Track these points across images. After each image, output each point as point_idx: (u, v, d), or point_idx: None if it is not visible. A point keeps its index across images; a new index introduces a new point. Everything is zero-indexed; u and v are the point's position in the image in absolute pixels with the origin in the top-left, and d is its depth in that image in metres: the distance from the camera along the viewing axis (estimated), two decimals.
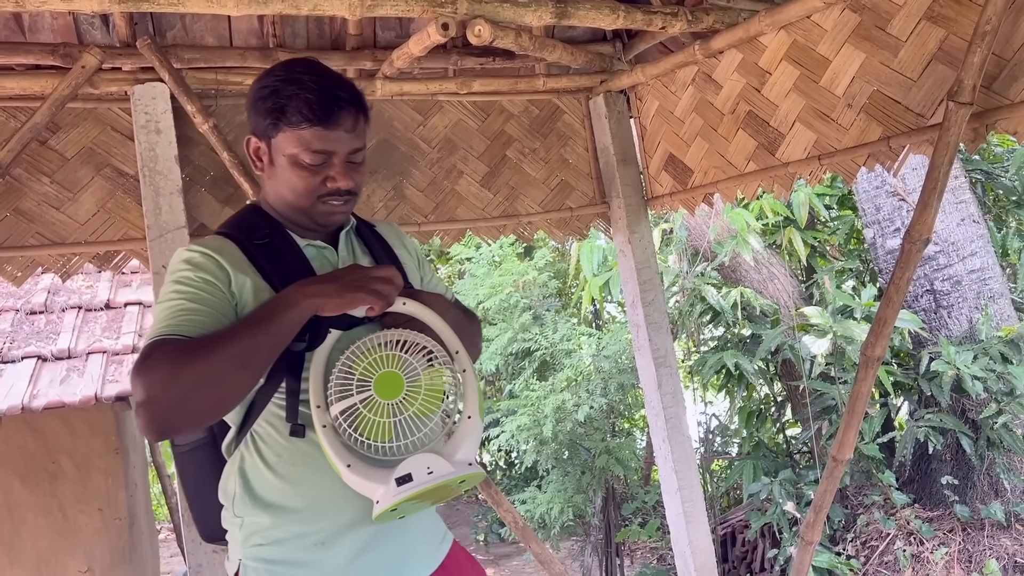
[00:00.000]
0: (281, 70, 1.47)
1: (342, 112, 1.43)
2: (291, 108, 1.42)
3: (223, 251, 1.45)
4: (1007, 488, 4.37)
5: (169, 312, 1.34)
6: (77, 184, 2.66)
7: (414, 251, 1.71)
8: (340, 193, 1.47)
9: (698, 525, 3.65)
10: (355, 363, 1.33)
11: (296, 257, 1.50)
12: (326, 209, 1.48)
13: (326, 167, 1.45)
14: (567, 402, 5.38)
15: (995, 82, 2.07)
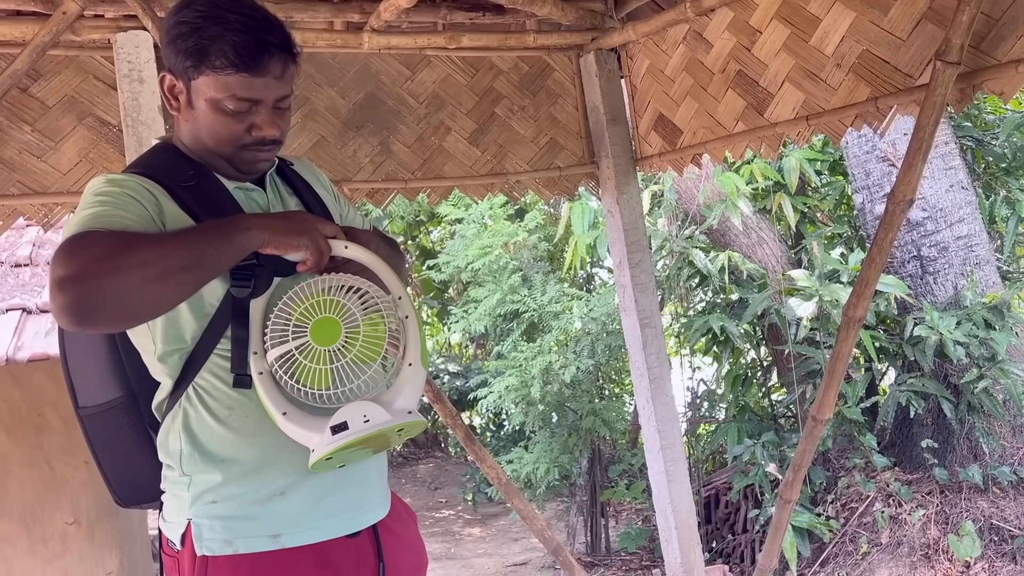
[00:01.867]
0: (203, 4, 1.34)
1: (271, 58, 1.34)
2: (215, 51, 1.31)
3: (155, 194, 1.35)
4: (985, 452, 4.43)
5: (94, 214, 1.24)
6: (59, 133, 2.63)
7: (330, 187, 1.67)
8: (266, 143, 1.40)
9: (680, 484, 3.69)
10: (292, 308, 1.29)
11: (227, 201, 1.42)
12: (249, 157, 1.42)
13: (251, 114, 1.37)
14: (555, 364, 5.41)
15: (983, 42, 2.06)
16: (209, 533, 1.34)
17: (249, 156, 1.42)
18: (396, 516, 1.52)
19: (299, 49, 1.42)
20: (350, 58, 3.00)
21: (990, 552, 4.06)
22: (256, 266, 1.32)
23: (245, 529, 1.34)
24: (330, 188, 1.67)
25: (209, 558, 1.33)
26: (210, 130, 1.38)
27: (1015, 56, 2.00)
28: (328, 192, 1.64)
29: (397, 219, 8.33)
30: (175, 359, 1.36)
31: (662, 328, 3.56)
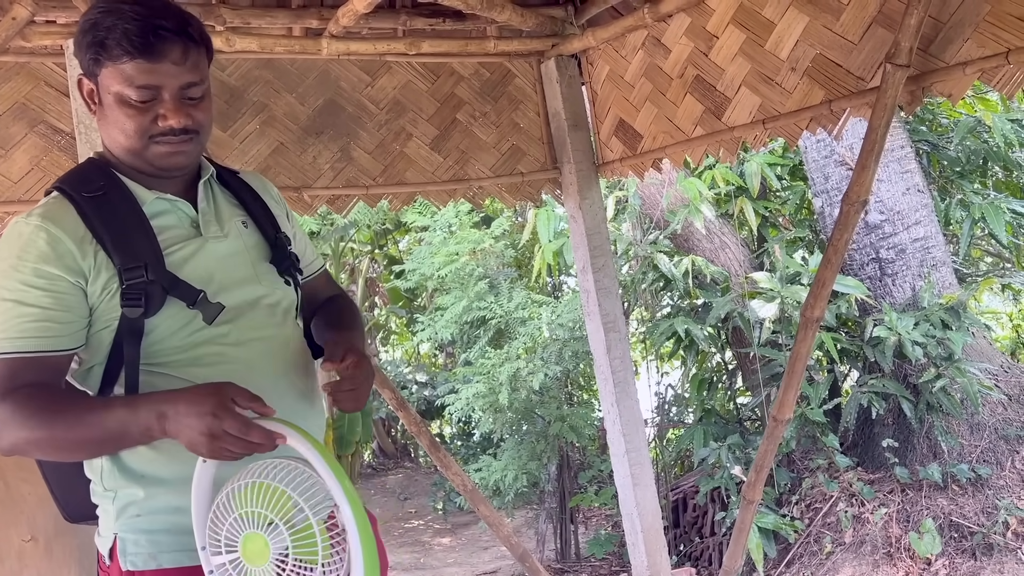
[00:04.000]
0: (100, 3, 1.35)
1: (165, 43, 1.32)
2: (111, 41, 1.31)
3: (62, 220, 1.34)
4: (944, 450, 4.50)
5: (14, 318, 1.29)
6: (10, 141, 2.58)
7: (282, 203, 1.64)
8: (174, 132, 1.35)
9: (645, 488, 3.70)
10: (224, 516, 1.21)
11: (131, 213, 1.38)
12: (160, 150, 1.37)
13: (155, 104, 1.34)
14: (522, 370, 5.40)
15: (932, 45, 2.10)
16: (134, 547, 1.34)
17: (160, 148, 1.37)
18: None
19: (199, 35, 1.38)
20: (309, 64, 2.98)
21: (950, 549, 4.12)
22: (146, 283, 1.32)
23: (170, 543, 1.33)
24: (283, 204, 1.64)
25: (135, 573, 1.33)
26: (119, 124, 1.36)
27: (962, 59, 2.04)
28: (280, 206, 1.61)
29: (364, 228, 8.29)
30: (94, 374, 1.37)
31: (626, 332, 3.57)
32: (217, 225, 1.47)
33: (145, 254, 1.35)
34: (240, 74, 2.89)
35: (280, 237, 1.53)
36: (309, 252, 1.67)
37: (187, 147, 1.39)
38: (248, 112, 2.90)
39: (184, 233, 1.43)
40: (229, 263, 1.45)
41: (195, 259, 1.41)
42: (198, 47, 1.37)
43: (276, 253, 1.51)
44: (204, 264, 1.42)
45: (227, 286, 1.43)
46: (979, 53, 2.00)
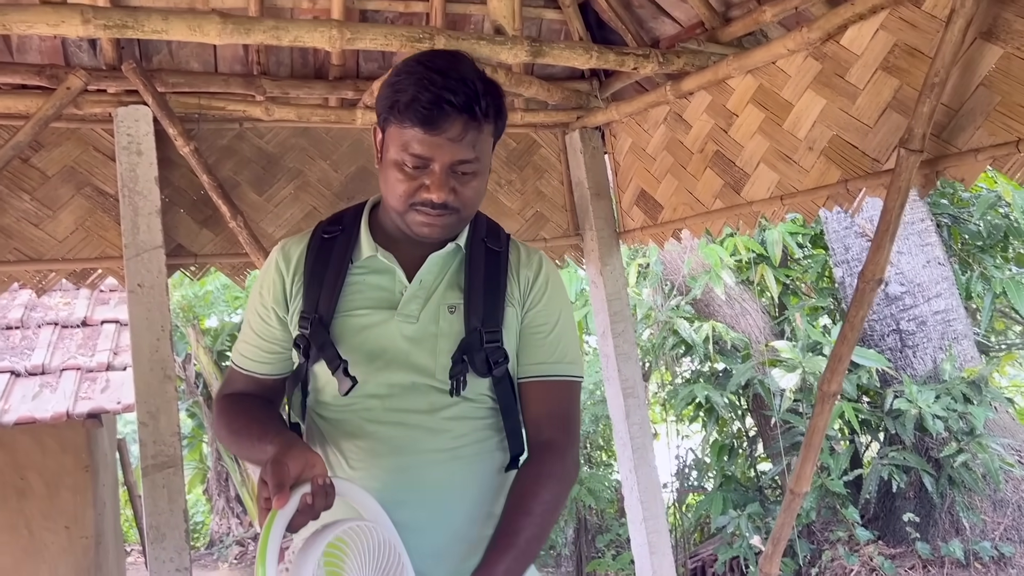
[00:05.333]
0: (411, 62, 1.37)
1: (447, 118, 1.31)
2: (400, 104, 1.32)
3: (292, 250, 1.52)
4: (966, 526, 4.43)
5: (241, 335, 1.57)
6: (57, 202, 2.71)
7: (546, 288, 1.51)
8: (433, 205, 1.35)
9: (662, 556, 3.68)
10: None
11: (338, 263, 1.45)
12: (418, 219, 1.38)
13: (424, 173, 1.35)
14: None
15: (944, 131, 2.16)
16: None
17: (418, 218, 1.38)
18: None
19: (487, 112, 1.35)
20: (343, 133, 3.11)
21: None
22: (308, 336, 1.44)
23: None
24: (542, 292, 1.51)
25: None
26: (389, 184, 1.38)
27: (974, 145, 2.10)
28: (534, 293, 1.50)
29: None
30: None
31: (645, 398, 3.60)
32: (417, 305, 1.44)
33: (321, 307, 1.44)
34: (278, 141, 3.02)
35: (479, 332, 1.42)
36: (542, 352, 1.49)
37: (443, 221, 1.38)
38: (284, 177, 3.01)
39: (384, 299, 1.46)
40: (408, 345, 1.43)
41: (376, 330, 1.43)
42: (480, 125, 1.35)
43: (466, 343, 1.42)
44: (382, 339, 1.43)
45: (392, 366, 1.42)
46: (990, 141, 2.06)
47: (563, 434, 1.45)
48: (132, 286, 2.65)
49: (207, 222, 2.88)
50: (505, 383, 1.45)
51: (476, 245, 1.50)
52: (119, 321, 4.22)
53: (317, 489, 1.20)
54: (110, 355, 3.96)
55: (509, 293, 1.47)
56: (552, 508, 1.38)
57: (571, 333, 1.52)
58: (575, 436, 1.47)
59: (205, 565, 8.64)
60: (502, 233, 1.56)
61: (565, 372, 1.49)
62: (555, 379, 1.48)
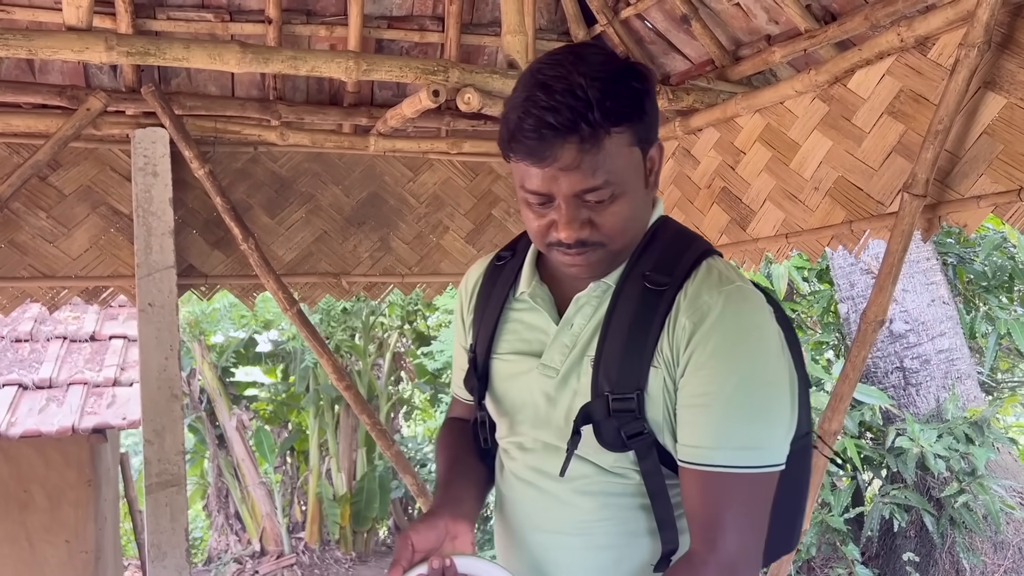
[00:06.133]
0: (528, 72, 1.12)
1: (552, 145, 1.05)
2: (506, 134, 1.10)
3: (472, 274, 1.41)
4: (966, 568, 4.41)
5: (453, 364, 1.47)
6: (72, 220, 2.75)
7: (716, 356, 1.10)
8: (568, 245, 1.12)
9: None
10: None
11: (496, 300, 1.31)
12: (558, 258, 1.16)
13: (551, 209, 1.12)
14: None
15: (948, 177, 2.19)
16: None
17: (558, 258, 1.16)
18: None
19: (611, 121, 1.06)
20: (356, 159, 3.16)
21: None
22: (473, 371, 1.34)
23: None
24: (699, 351, 1.10)
25: None
26: (525, 222, 1.17)
27: (977, 192, 2.13)
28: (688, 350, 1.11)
29: (396, 307, 8.44)
30: None
31: None
32: (561, 355, 1.21)
33: (478, 346, 1.32)
34: (291, 166, 3.07)
35: (606, 399, 1.13)
36: (691, 431, 1.11)
37: (586, 259, 1.14)
38: (296, 201, 3.06)
39: (534, 343, 1.25)
40: (545, 402, 1.22)
41: (519, 381, 1.26)
42: (599, 141, 1.06)
43: (586, 411, 1.15)
44: (524, 391, 1.25)
45: (528, 423, 1.25)
46: (993, 188, 2.08)
47: (703, 543, 1.07)
48: (143, 305, 2.69)
49: (219, 243, 2.92)
50: (652, 460, 1.13)
51: (631, 282, 1.17)
52: (127, 337, 4.26)
53: (433, 572, 1.08)
54: (117, 371, 3.99)
55: (658, 350, 1.12)
56: None
57: (747, 407, 1.08)
58: (723, 549, 1.06)
59: None
60: (684, 260, 1.16)
61: (723, 461, 1.07)
62: (705, 469, 1.08)
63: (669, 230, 1.23)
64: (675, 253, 1.18)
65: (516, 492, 1.28)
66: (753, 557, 1.08)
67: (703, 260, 1.18)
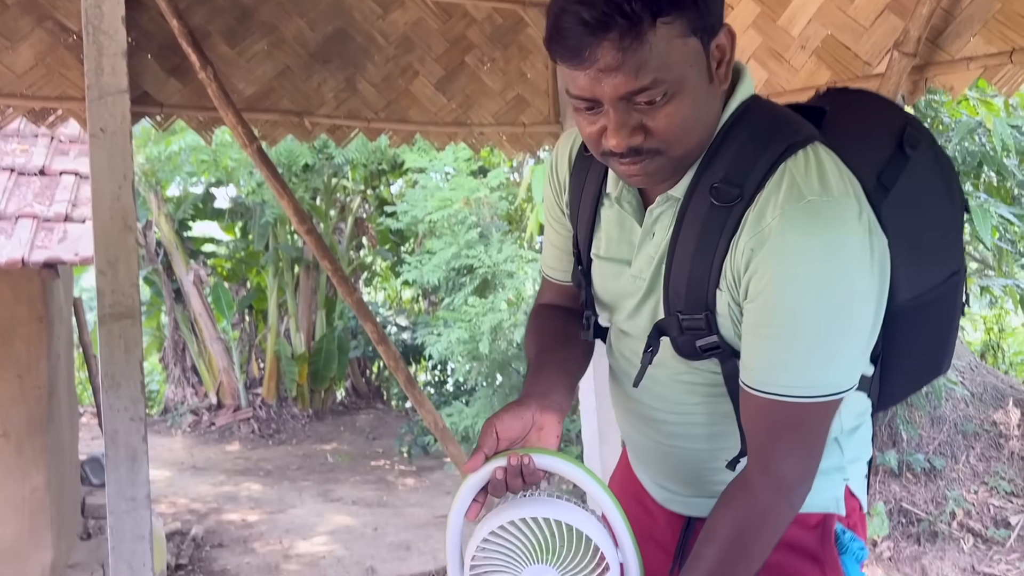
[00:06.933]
0: None
1: (590, 44, 0.94)
2: (547, 28, 1.01)
3: (561, 159, 1.28)
4: (904, 439, 4.62)
5: (544, 242, 1.38)
6: (16, 34, 2.57)
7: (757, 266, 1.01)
8: (620, 154, 1.02)
9: (611, 446, 3.78)
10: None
11: (589, 195, 1.22)
12: (616, 167, 1.08)
13: (599, 115, 1.01)
14: (505, 322, 5.46)
15: (940, 36, 2.13)
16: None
17: (615, 167, 1.08)
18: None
19: (656, 10, 0.94)
20: None
21: (897, 533, 4.26)
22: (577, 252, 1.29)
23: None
24: (761, 278, 1.01)
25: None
26: (579, 129, 1.08)
27: (967, 53, 2.07)
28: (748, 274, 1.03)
29: (359, 166, 8.25)
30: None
31: None
32: (647, 262, 1.15)
33: (579, 241, 1.26)
34: None
35: (677, 318, 1.10)
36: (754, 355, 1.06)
37: (644, 168, 1.04)
38: (258, 32, 2.88)
39: (623, 249, 1.19)
40: (635, 306, 1.19)
41: (613, 283, 1.22)
42: (642, 35, 0.94)
43: (661, 326, 1.13)
44: (618, 293, 1.22)
45: (627, 318, 1.22)
46: (984, 50, 2.03)
47: (758, 467, 1.06)
48: (94, 130, 2.55)
49: (175, 71, 2.76)
50: (732, 364, 1.10)
51: (697, 197, 1.06)
52: (79, 173, 4.09)
53: (511, 468, 1.04)
54: (68, 206, 3.85)
55: (723, 274, 1.05)
56: (722, 548, 1.06)
57: (809, 338, 1.01)
58: (778, 474, 1.04)
59: (159, 431, 8.74)
60: (759, 166, 1.03)
61: (782, 391, 1.02)
62: (764, 396, 1.04)
63: (750, 122, 1.07)
64: (750, 156, 1.04)
65: (620, 365, 1.28)
66: (807, 478, 1.07)
67: (781, 163, 1.02)
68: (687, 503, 1.29)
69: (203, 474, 7.20)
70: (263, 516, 5.94)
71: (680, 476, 1.28)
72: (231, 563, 4.90)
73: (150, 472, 3.24)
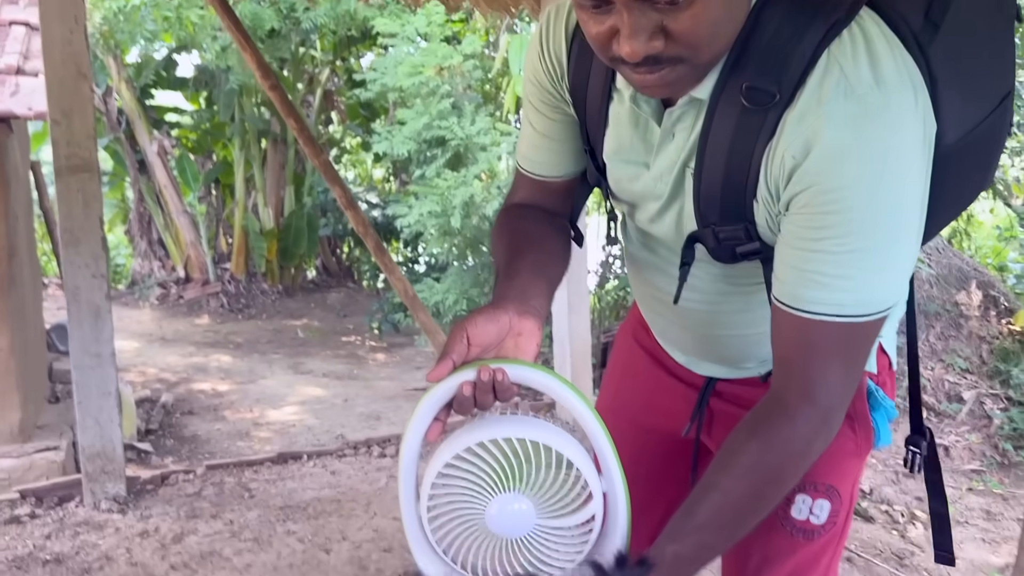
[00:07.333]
0: None
1: None
2: None
3: (552, 38, 1.09)
4: None
5: (521, 128, 1.21)
6: None
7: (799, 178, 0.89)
8: (634, 63, 0.87)
9: (580, 316, 3.81)
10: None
11: (597, 90, 1.06)
12: (631, 76, 0.92)
13: (608, 13, 0.86)
14: (477, 196, 5.38)
15: None
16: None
17: (629, 75, 0.92)
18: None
19: None
20: None
21: None
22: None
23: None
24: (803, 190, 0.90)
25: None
26: (584, 30, 0.91)
27: None
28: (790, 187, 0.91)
29: (328, 33, 7.93)
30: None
31: None
32: (668, 165, 1.03)
33: (591, 138, 1.11)
34: None
35: (712, 230, 1.01)
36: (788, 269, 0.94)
37: (662, 78, 0.89)
38: None
39: (639, 146, 1.06)
40: (658, 209, 1.08)
41: (630, 184, 1.10)
42: None
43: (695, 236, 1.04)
44: (635, 194, 1.11)
45: (649, 221, 1.12)
46: None
47: (799, 393, 0.94)
48: None
49: None
50: (772, 267, 1.00)
51: (727, 98, 0.93)
52: (29, 24, 3.86)
53: (481, 382, 0.91)
54: (20, 58, 3.65)
55: (759, 184, 0.94)
56: (751, 480, 0.94)
57: (855, 255, 0.89)
58: (822, 401, 0.94)
59: (126, 303, 8.67)
60: (796, 57, 0.88)
61: (824, 311, 0.91)
62: (803, 316, 0.92)
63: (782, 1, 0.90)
64: (786, 46, 0.88)
65: (641, 254, 1.20)
66: (848, 400, 0.97)
67: (824, 50, 0.87)
68: (712, 369, 1.26)
69: (172, 346, 7.20)
70: (233, 386, 5.97)
71: (707, 354, 1.23)
72: (202, 429, 4.94)
73: (118, 343, 3.20)
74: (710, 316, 1.16)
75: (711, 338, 1.21)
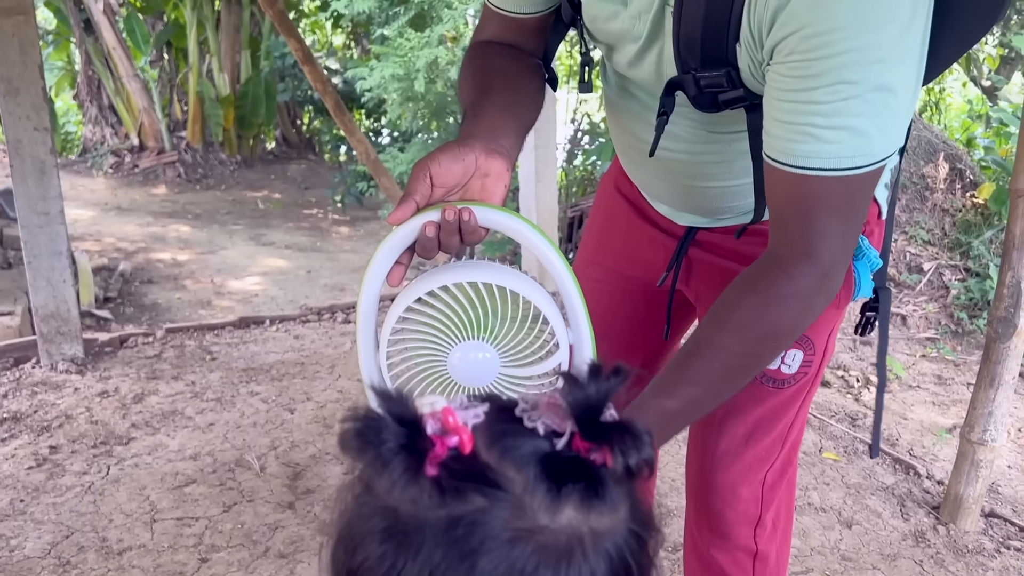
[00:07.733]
0: None
1: None
2: None
3: None
4: None
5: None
6: None
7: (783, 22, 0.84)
8: None
9: (547, 185, 3.75)
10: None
11: None
12: None
13: None
14: (441, 59, 5.16)
15: None
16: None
17: None
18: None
19: None
20: None
21: None
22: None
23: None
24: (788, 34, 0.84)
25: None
26: None
27: None
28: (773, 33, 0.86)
29: None
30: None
31: None
32: (648, 6, 0.97)
33: None
34: None
35: (693, 75, 0.95)
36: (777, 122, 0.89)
37: None
38: None
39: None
40: (636, 51, 1.02)
41: (606, 24, 1.04)
42: None
43: (675, 82, 0.99)
44: (612, 34, 1.05)
45: (628, 64, 1.06)
46: None
47: (800, 251, 0.91)
48: None
49: None
50: (757, 117, 0.95)
51: None
52: None
53: (446, 223, 0.84)
54: None
55: (742, 28, 0.89)
56: (746, 336, 0.91)
57: (849, 100, 0.83)
58: (824, 257, 0.90)
59: (79, 172, 8.39)
60: None
61: (820, 164, 0.86)
62: (799, 172, 0.88)
63: None
64: None
65: (620, 100, 1.15)
66: (849, 254, 0.95)
67: None
68: (692, 219, 1.24)
69: (129, 215, 7.01)
70: (193, 256, 5.87)
71: (686, 205, 1.22)
72: (161, 298, 4.87)
73: (72, 212, 3.07)
74: (690, 167, 1.13)
75: (691, 189, 1.17)
